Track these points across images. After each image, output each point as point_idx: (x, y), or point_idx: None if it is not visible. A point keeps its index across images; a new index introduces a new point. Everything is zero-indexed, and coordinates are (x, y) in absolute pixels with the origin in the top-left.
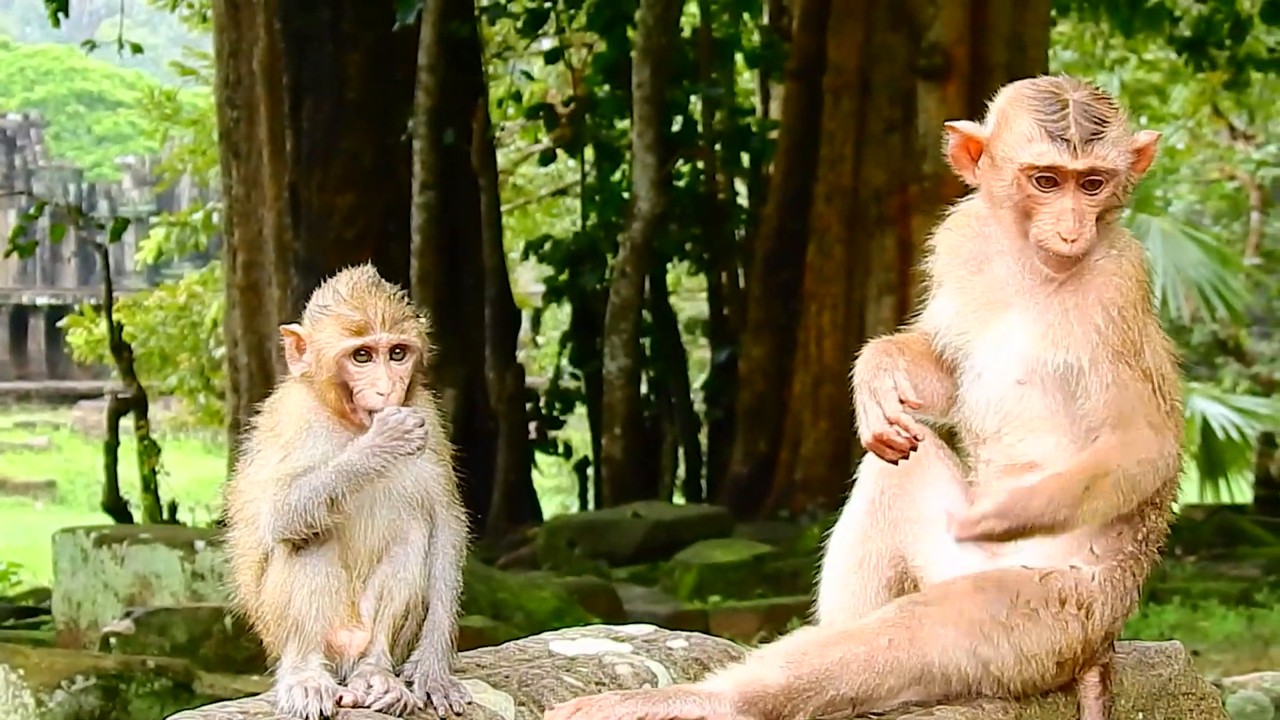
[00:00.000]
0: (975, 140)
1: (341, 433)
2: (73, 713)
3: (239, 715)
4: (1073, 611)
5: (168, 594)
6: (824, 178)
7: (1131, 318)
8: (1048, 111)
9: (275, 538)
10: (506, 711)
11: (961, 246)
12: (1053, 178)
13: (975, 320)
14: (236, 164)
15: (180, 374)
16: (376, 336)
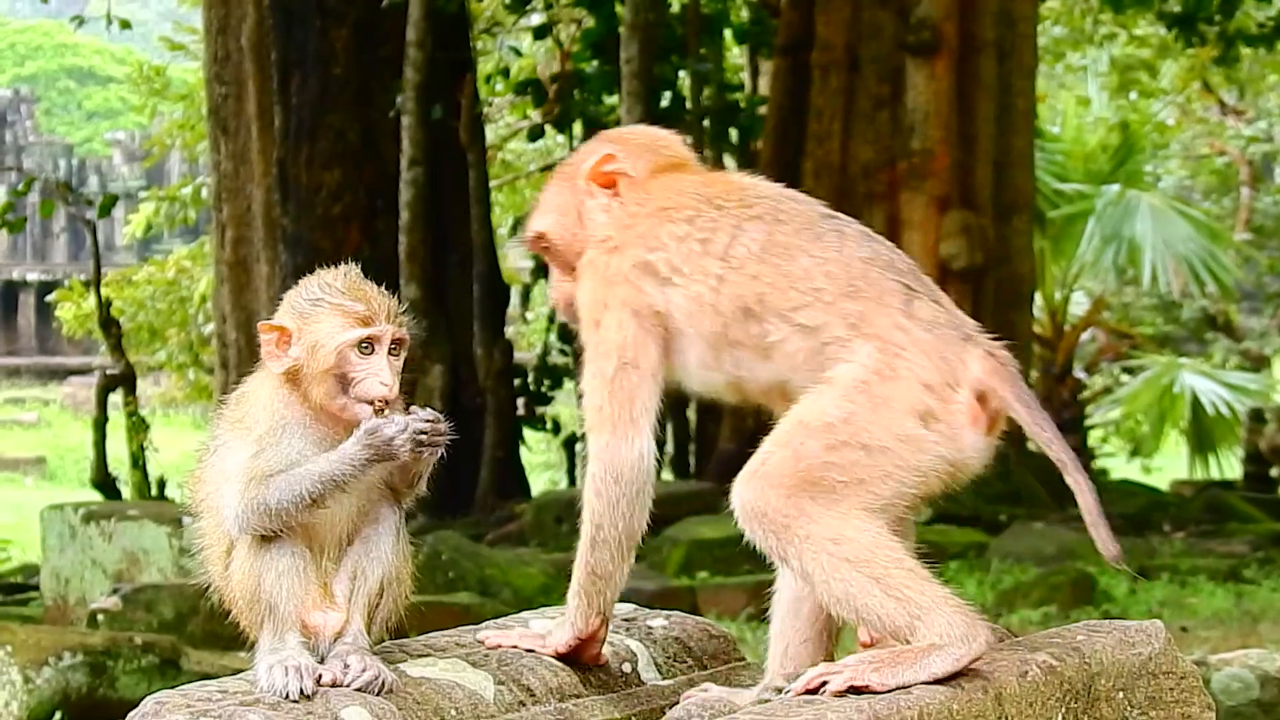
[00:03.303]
0: None
1: (315, 428)
2: (60, 689)
3: (219, 694)
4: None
5: (155, 570)
6: (812, 154)
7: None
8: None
9: (244, 532)
10: (486, 690)
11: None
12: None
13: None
14: (225, 140)
15: (169, 349)
16: (382, 328)
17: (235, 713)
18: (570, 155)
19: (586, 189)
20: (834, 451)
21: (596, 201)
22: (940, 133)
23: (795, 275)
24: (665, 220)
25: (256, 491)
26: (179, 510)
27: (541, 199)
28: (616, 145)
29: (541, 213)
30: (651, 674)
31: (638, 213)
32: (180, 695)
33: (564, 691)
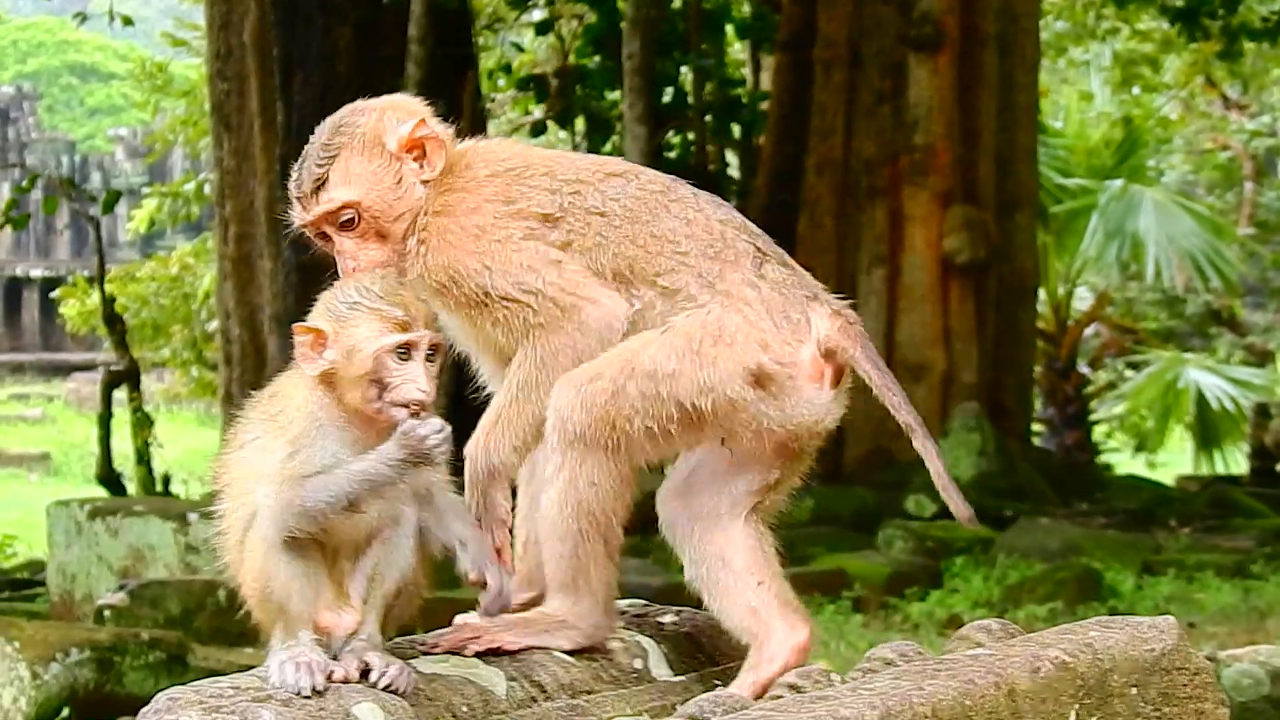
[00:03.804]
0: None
1: (349, 431)
2: (68, 685)
3: (231, 690)
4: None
5: (161, 566)
6: (815, 149)
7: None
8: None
9: (282, 534)
10: (497, 686)
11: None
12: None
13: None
14: (228, 136)
15: (173, 346)
16: (419, 333)
17: (248, 709)
18: (347, 124)
19: (399, 156)
20: (648, 402)
21: (411, 168)
22: (943, 128)
23: (663, 237)
24: (522, 179)
25: (292, 493)
26: (185, 506)
27: (334, 170)
28: (409, 112)
29: (343, 184)
30: (663, 669)
31: (478, 175)
32: (193, 691)
33: (575, 687)
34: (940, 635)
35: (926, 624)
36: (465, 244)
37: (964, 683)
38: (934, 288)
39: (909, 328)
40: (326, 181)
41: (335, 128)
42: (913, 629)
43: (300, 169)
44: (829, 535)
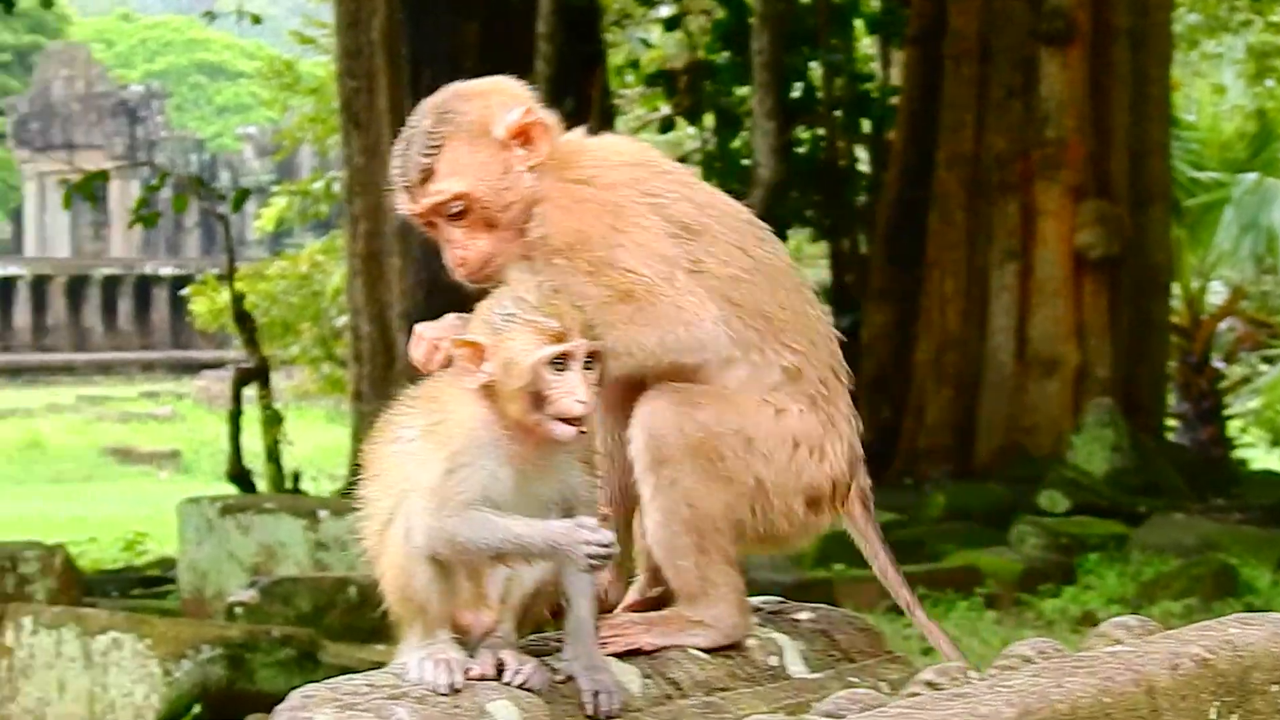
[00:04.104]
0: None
1: (509, 446)
2: (199, 682)
3: (366, 687)
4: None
5: (292, 563)
6: (945, 144)
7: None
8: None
9: (429, 552)
10: (632, 684)
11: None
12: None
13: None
14: (357, 133)
15: (302, 343)
16: (576, 344)
17: (383, 706)
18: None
19: (506, 144)
20: (729, 461)
21: (518, 154)
22: (1074, 122)
23: (797, 312)
24: (661, 177)
25: (448, 522)
26: (315, 503)
27: (442, 160)
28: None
29: (452, 175)
30: (799, 667)
31: (610, 160)
32: (327, 689)
33: (711, 684)
34: (1074, 632)
35: (1060, 621)
36: (601, 214)
37: (1102, 680)
38: (1067, 283)
39: (1041, 323)
40: (434, 172)
41: (439, 114)
42: (1046, 626)
43: (405, 156)
44: (961, 532)
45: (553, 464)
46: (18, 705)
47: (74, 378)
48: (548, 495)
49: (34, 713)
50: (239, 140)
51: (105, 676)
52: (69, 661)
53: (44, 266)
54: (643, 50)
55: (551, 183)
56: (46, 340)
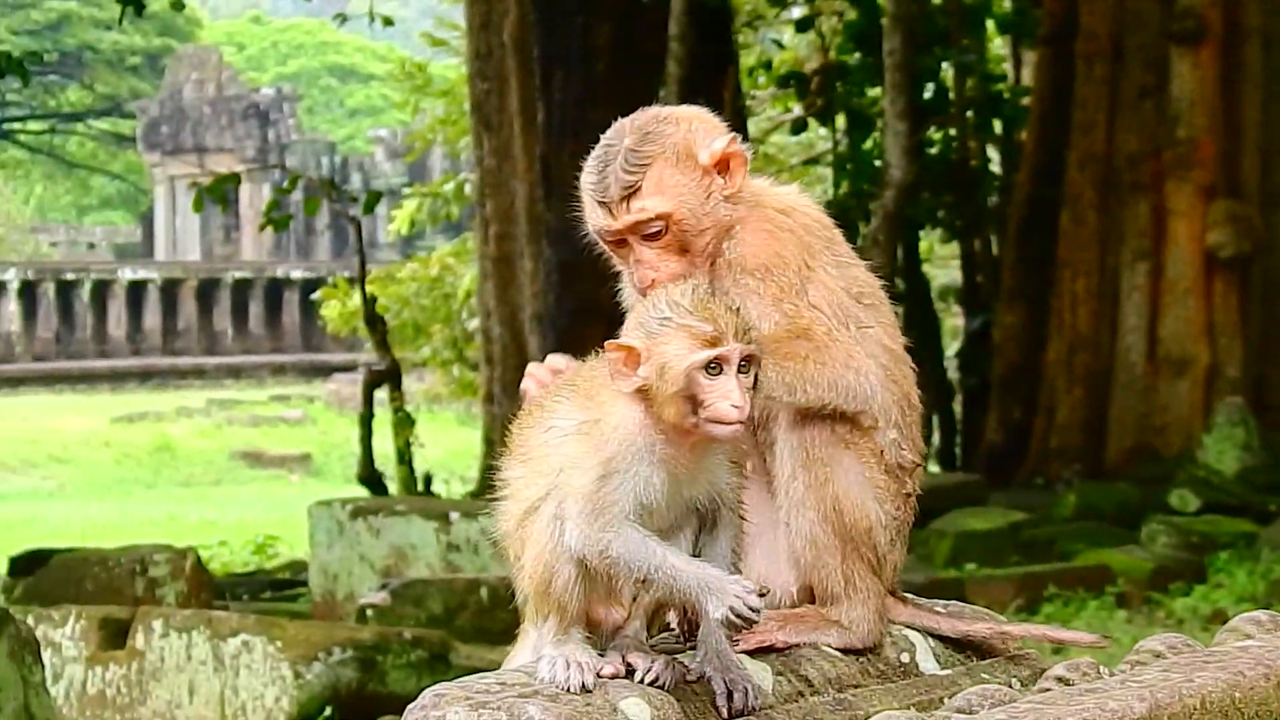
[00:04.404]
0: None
1: (664, 449)
2: (330, 684)
3: (497, 686)
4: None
5: (423, 565)
6: (1077, 144)
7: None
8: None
9: (579, 556)
10: (764, 681)
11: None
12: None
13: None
14: (488, 136)
15: (433, 346)
16: (730, 348)
17: (514, 705)
18: (656, 132)
19: (709, 170)
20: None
21: (717, 184)
22: (1206, 121)
23: (908, 381)
24: (836, 246)
25: (604, 535)
26: (446, 505)
27: (647, 179)
28: (716, 126)
29: (656, 194)
30: (930, 664)
31: (797, 220)
32: (459, 688)
33: (842, 682)
34: (1204, 630)
35: (1190, 619)
36: (799, 247)
37: (1233, 675)
38: (1198, 282)
39: (1172, 323)
40: (639, 190)
41: (643, 134)
42: (1177, 624)
43: (604, 173)
44: (1092, 531)
45: (704, 466)
46: (148, 708)
47: (204, 381)
48: (697, 497)
49: (164, 716)
50: (370, 143)
51: (236, 679)
52: (199, 664)
53: (174, 270)
54: (775, 51)
55: (748, 210)
56: (177, 344)
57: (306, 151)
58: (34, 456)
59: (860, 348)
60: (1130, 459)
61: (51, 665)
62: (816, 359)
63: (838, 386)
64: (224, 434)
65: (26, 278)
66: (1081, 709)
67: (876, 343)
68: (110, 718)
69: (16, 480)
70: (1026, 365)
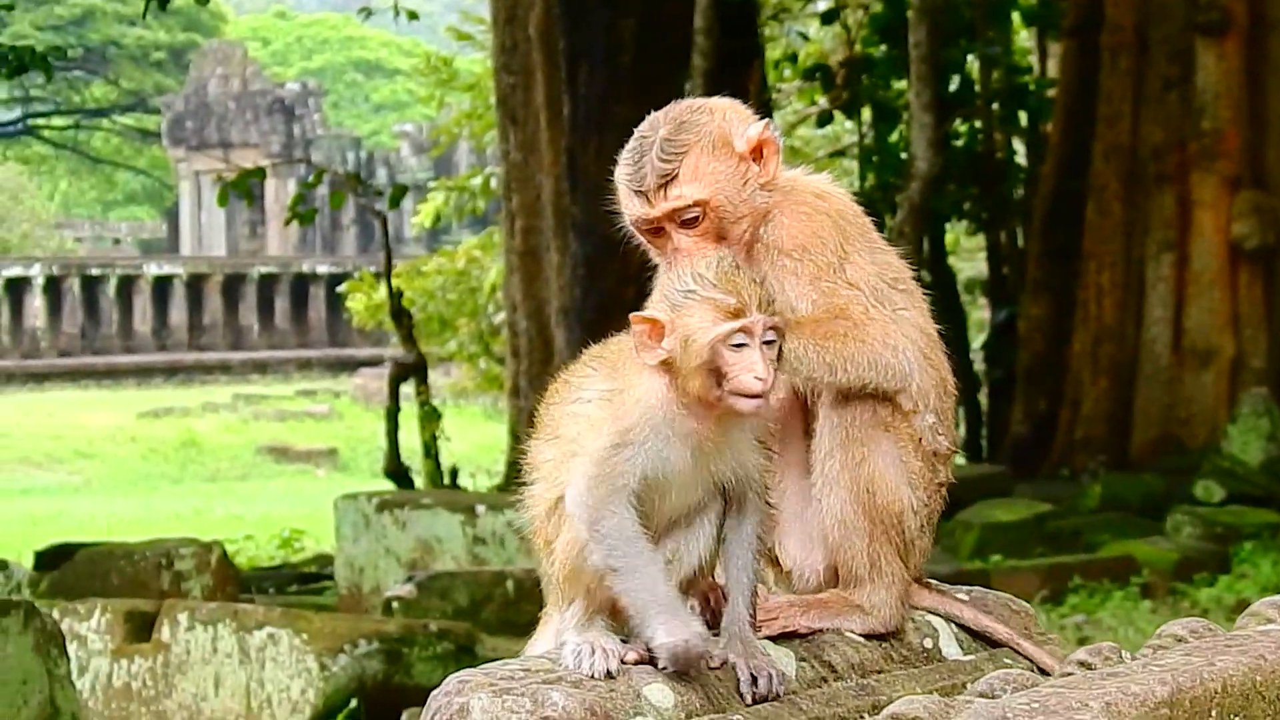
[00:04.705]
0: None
1: (686, 423)
2: (356, 676)
3: (521, 673)
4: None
5: (449, 558)
6: (1102, 136)
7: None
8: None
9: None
10: (788, 667)
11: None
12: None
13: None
14: (514, 130)
15: (460, 339)
16: (754, 319)
17: (538, 691)
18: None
19: (745, 157)
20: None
21: (753, 171)
22: (1231, 113)
23: (944, 367)
24: (869, 235)
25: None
26: (472, 498)
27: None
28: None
29: (693, 181)
30: (953, 649)
31: (832, 205)
32: (483, 674)
33: (866, 667)
34: (1229, 621)
35: (1215, 609)
36: (836, 229)
37: (1254, 659)
38: (1223, 273)
39: (1197, 314)
40: (676, 177)
41: (678, 124)
42: (1201, 614)
43: (640, 163)
44: (1117, 522)
45: (729, 442)
46: (174, 701)
47: (230, 376)
48: (721, 474)
49: (190, 708)
50: (395, 138)
51: (262, 672)
52: (225, 657)
53: (200, 265)
54: (800, 44)
55: (784, 196)
56: (203, 339)
57: (332, 146)
58: (60, 452)
59: (896, 327)
60: (1155, 450)
61: (77, 658)
62: (856, 336)
63: (877, 365)
64: (250, 429)
65: (52, 273)
66: (1104, 693)
67: (913, 325)
68: (136, 710)
69: (42, 475)
70: (1052, 357)
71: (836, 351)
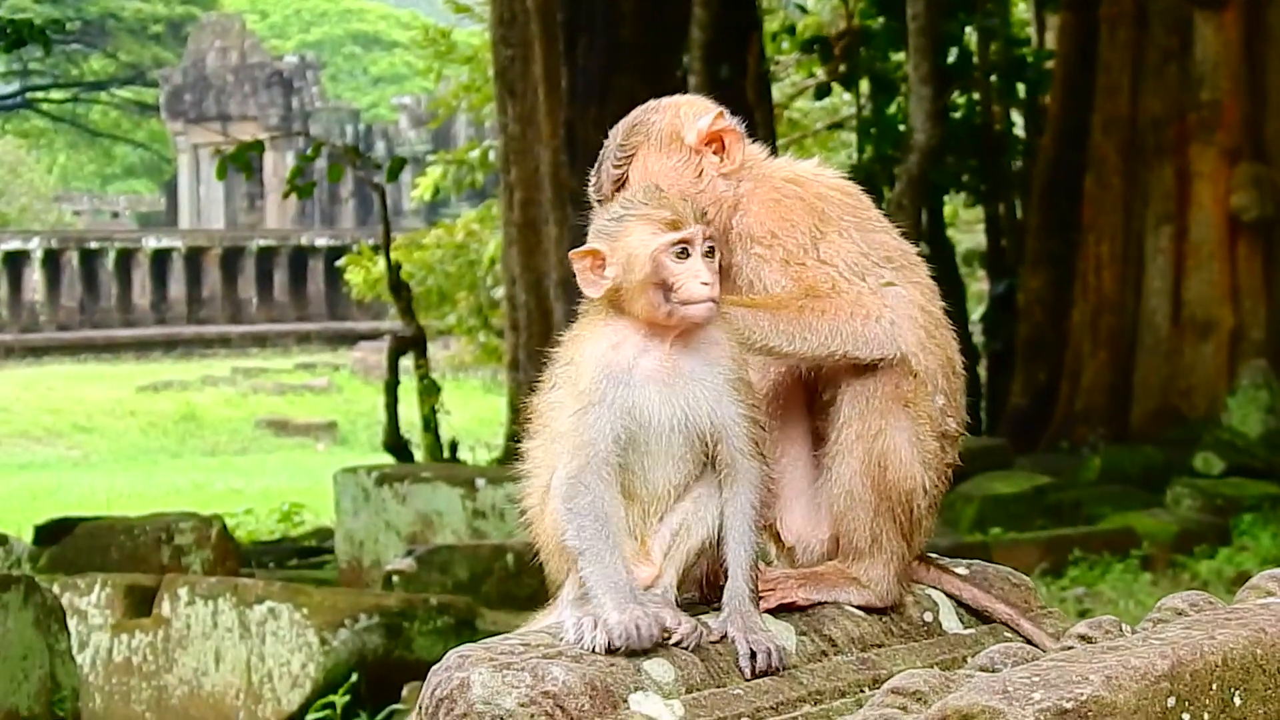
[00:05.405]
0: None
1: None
2: (356, 650)
3: (521, 647)
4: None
5: (449, 532)
6: (1101, 108)
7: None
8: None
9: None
10: (788, 641)
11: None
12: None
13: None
14: (512, 102)
15: (458, 312)
16: (693, 229)
17: (538, 665)
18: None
19: (700, 150)
20: (931, 448)
21: (711, 161)
22: (1229, 84)
23: (950, 347)
24: (862, 213)
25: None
26: (472, 472)
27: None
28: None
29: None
30: (953, 623)
31: (812, 191)
32: (483, 648)
33: (866, 641)
34: (1228, 593)
35: (1215, 582)
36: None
37: (1254, 631)
38: (1222, 245)
39: (1196, 285)
40: (626, 180)
41: (630, 128)
42: (1201, 587)
43: (599, 172)
44: (1116, 494)
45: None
46: (174, 676)
47: (229, 350)
48: (697, 418)
49: (190, 683)
50: (394, 110)
51: (262, 646)
52: (225, 632)
53: (198, 238)
54: (799, 16)
55: (755, 184)
56: (201, 312)
57: (330, 119)
58: (59, 426)
59: (876, 298)
60: (1155, 422)
61: (77, 633)
62: (817, 308)
63: (842, 333)
64: (249, 402)
65: (50, 247)
66: (1104, 666)
67: (910, 302)
68: (136, 685)
69: (42, 450)
70: (1051, 329)
71: (793, 320)
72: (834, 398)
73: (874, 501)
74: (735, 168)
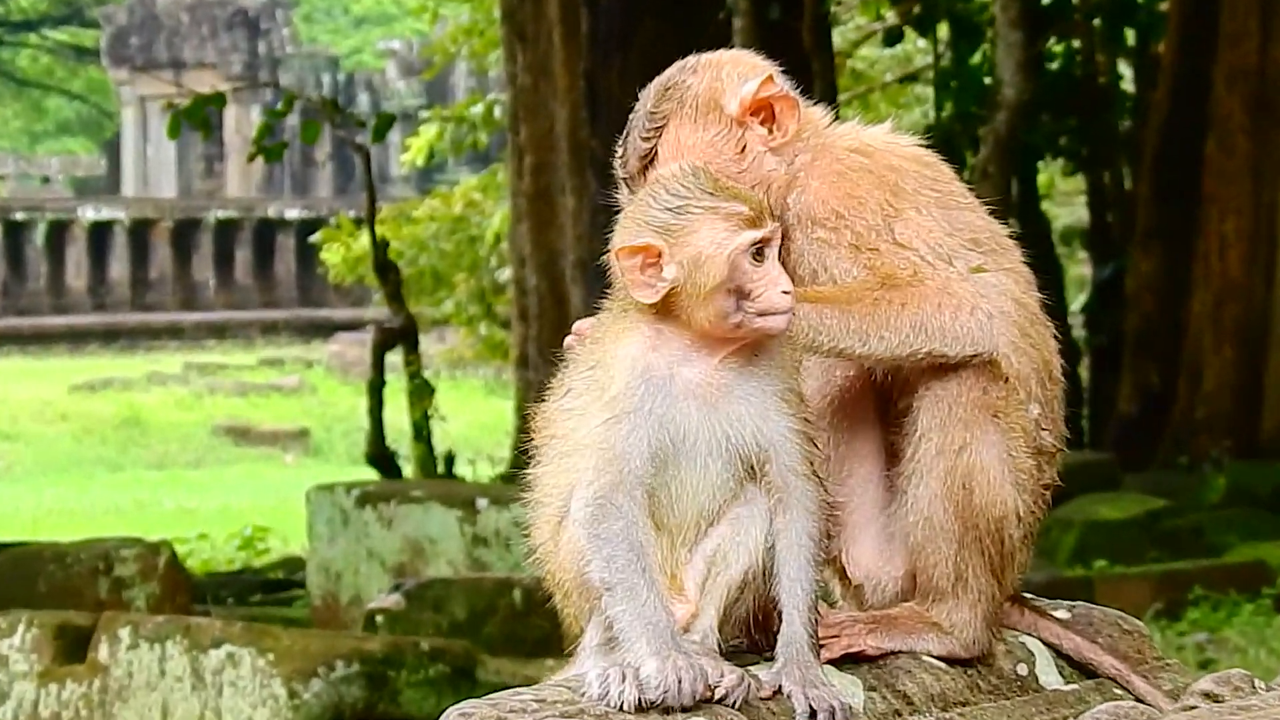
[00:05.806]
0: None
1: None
2: (332, 705)
3: (534, 704)
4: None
5: (444, 563)
6: (1224, 58)
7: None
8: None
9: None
10: (855, 697)
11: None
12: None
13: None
14: (522, 49)
15: (457, 299)
16: (771, 228)
17: None
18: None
19: (744, 121)
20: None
21: (758, 133)
22: None
23: (1046, 346)
24: (948, 185)
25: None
26: (472, 490)
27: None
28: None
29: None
30: (1052, 677)
31: (886, 160)
32: (489, 705)
33: (947, 698)
34: None
35: None
36: (879, 186)
37: None
38: None
39: None
40: (655, 156)
41: (661, 91)
42: None
43: (625, 143)
44: (1246, 520)
45: (743, 393)
46: None
47: (181, 342)
48: (740, 437)
49: None
50: (380, 57)
51: (219, 699)
52: (174, 681)
53: (145, 209)
54: None
55: (814, 156)
56: (148, 297)
57: (304, 67)
58: None
59: (968, 285)
60: None
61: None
62: (897, 299)
63: (928, 329)
64: (205, 405)
65: None
66: None
67: (1002, 292)
68: None
69: None
70: (1166, 320)
71: (868, 316)
72: (910, 407)
73: (957, 531)
74: (787, 140)
